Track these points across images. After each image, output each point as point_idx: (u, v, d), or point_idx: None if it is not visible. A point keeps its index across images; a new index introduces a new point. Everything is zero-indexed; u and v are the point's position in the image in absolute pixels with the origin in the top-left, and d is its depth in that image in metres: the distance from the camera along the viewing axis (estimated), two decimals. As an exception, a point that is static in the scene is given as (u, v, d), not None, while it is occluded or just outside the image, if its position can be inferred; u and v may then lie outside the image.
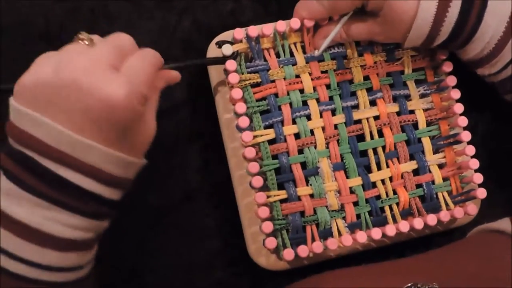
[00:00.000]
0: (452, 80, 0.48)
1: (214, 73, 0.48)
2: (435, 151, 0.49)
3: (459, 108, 0.48)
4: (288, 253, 0.44)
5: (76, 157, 0.33)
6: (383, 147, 0.47)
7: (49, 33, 0.48)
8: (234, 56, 0.45)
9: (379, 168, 0.47)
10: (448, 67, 0.49)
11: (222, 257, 0.50)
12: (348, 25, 0.45)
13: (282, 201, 0.45)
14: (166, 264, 0.48)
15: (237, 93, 0.45)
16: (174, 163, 0.50)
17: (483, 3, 0.41)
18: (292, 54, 0.47)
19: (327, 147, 0.46)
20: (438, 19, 0.41)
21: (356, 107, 0.47)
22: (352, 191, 0.46)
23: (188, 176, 0.50)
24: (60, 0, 0.48)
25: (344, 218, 0.46)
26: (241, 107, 0.44)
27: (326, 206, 0.46)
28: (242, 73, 0.46)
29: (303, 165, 0.46)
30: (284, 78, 0.46)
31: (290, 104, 0.46)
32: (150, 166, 0.48)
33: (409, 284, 0.38)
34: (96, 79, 0.32)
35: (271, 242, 0.44)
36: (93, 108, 0.32)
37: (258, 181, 0.44)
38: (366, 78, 0.48)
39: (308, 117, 0.46)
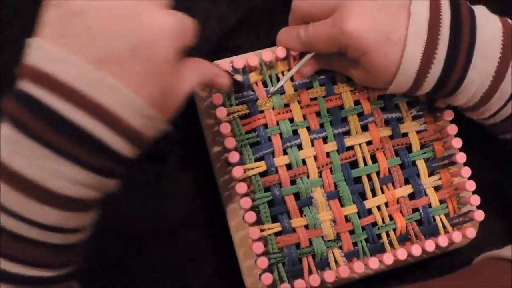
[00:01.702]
0: (444, 102, 0.47)
1: (202, 106, 0.47)
2: (430, 174, 0.48)
3: (452, 129, 0.47)
4: (285, 288, 0.43)
5: (90, 96, 0.29)
6: (377, 173, 0.46)
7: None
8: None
9: (374, 194, 0.46)
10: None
11: (216, 285, 0.49)
12: (331, 61, 0.45)
13: (277, 233, 0.44)
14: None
15: (225, 127, 0.44)
16: (167, 189, 0.49)
17: (467, 59, 0.39)
18: (280, 83, 0.46)
19: (320, 176, 0.45)
20: (421, 75, 0.40)
21: (348, 133, 0.46)
22: (347, 219, 0.45)
23: (181, 203, 0.49)
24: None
25: (340, 247, 0.45)
26: (230, 142, 0.44)
27: (322, 237, 0.45)
28: (231, 105, 0.45)
29: (296, 195, 0.45)
30: (273, 108, 0.45)
31: (280, 134, 0.45)
32: (142, 191, 0.48)
33: None
34: (140, 2, 0.29)
35: (267, 278, 0.43)
36: (133, 32, 0.29)
37: (251, 217, 0.43)
38: (357, 102, 0.47)
39: (299, 147, 0.45)
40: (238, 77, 0.44)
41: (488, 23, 0.40)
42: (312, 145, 0.46)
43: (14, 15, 0.48)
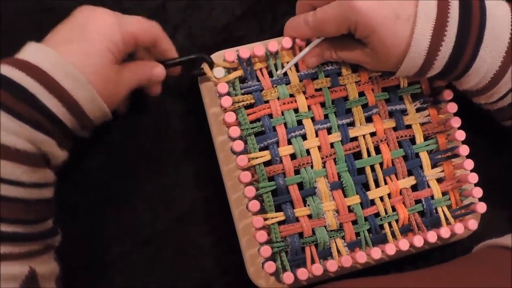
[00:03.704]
0: (449, 94, 0.48)
1: (207, 95, 0.47)
2: (433, 165, 0.48)
3: (456, 121, 0.47)
4: (288, 277, 0.44)
5: (32, 62, 0.36)
6: (381, 164, 0.47)
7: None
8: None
9: (377, 185, 0.47)
10: (444, 81, 0.48)
11: (219, 276, 0.49)
12: (338, 47, 0.45)
13: (280, 223, 0.45)
14: (161, 285, 0.48)
15: (230, 116, 0.44)
16: (170, 182, 0.49)
17: (478, 38, 0.40)
18: (285, 73, 0.46)
19: (324, 167, 0.46)
20: (431, 53, 0.40)
21: (352, 124, 0.47)
22: (350, 209, 0.46)
23: (184, 193, 0.49)
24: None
25: (343, 237, 0.46)
26: (235, 131, 0.44)
27: (325, 226, 0.45)
28: (236, 95, 0.45)
29: (300, 185, 0.45)
30: (278, 98, 0.46)
31: (285, 124, 0.45)
32: (146, 182, 0.48)
33: None
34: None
35: (270, 267, 0.44)
36: (83, 20, 0.39)
37: (254, 206, 0.44)
38: (361, 94, 0.47)
39: (304, 137, 0.46)
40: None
41: (497, 5, 0.41)
42: (317, 135, 0.46)
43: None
